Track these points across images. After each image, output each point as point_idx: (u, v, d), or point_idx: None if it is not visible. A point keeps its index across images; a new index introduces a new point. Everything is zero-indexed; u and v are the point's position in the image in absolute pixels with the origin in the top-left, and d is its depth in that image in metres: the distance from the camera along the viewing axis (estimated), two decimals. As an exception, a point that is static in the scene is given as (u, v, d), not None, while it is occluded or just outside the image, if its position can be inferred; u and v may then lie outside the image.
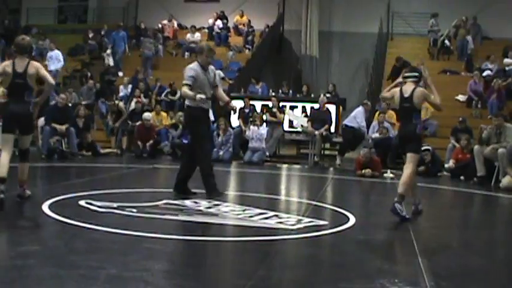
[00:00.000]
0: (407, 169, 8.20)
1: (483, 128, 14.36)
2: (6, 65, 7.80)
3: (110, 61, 23.00)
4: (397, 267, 5.53)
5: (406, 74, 8.63)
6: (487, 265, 5.99)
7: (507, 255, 6.84)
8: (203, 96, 8.64)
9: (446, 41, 22.80)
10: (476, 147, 13.86)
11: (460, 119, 16.12)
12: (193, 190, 9.15)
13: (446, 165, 15.01)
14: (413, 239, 6.73)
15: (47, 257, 5.20)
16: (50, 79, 8.10)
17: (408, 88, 8.39)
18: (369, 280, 5.05)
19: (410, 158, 8.30)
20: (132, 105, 18.63)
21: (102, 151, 16.24)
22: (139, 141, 16.36)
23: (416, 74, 8.61)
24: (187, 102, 9.18)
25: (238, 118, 17.45)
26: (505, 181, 12.84)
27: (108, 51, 23.26)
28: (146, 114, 16.74)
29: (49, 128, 14.71)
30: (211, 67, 9.29)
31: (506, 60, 20.30)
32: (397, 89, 8.59)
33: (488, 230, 8.60)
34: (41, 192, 9.07)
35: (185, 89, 8.86)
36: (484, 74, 19.71)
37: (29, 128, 8.08)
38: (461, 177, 14.12)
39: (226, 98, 9.73)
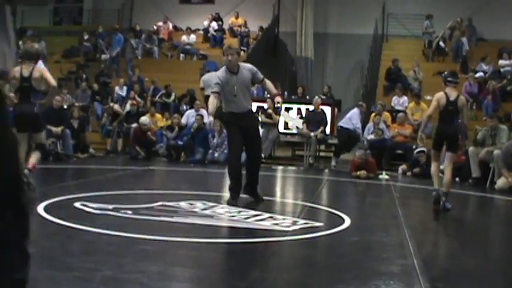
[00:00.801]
0: (449, 168, 9.73)
1: (478, 130, 14.40)
2: (15, 71, 8.63)
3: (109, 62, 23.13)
4: (392, 268, 5.53)
5: (450, 79, 9.33)
6: (482, 266, 6.00)
7: (502, 257, 6.85)
8: (211, 119, 9.01)
9: (441, 43, 22.83)
10: (471, 148, 13.89)
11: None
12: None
13: (441, 167, 15.00)
14: (408, 240, 6.73)
15: (42, 259, 5.18)
16: (53, 81, 8.90)
17: (453, 93, 9.25)
18: (364, 282, 5.06)
19: (451, 158, 9.82)
20: (128, 107, 18.59)
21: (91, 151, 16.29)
22: (136, 145, 16.34)
23: (458, 80, 9.55)
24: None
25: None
26: (499, 182, 12.87)
27: (104, 56, 23.24)
28: (143, 119, 16.71)
29: (44, 130, 14.68)
30: (247, 66, 9.20)
31: (502, 62, 20.36)
32: (442, 93, 9.33)
33: (484, 232, 8.62)
34: (36, 194, 9.05)
35: (211, 98, 8.72)
36: (477, 75, 19.75)
37: (37, 127, 9.10)
38: (457, 179, 14.12)
39: (274, 91, 9.55)
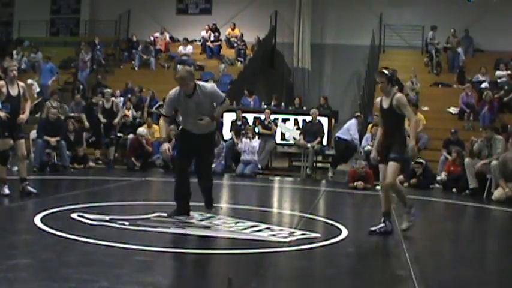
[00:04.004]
0: None
1: (474, 141, 14.43)
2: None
3: (37, 89, 21.60)
4: (389, 279, 5.53)
5: None
6: (479, 277, 6.00)
7: (499, 267, 6.85)
8: (165, 146, 8.85)
9: (433, 53, 22.89)
10: (467, 160, 13.89)
11: (452, 131, 16.18)
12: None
13: (438, 178, 15.03)
14: (405, 251, 6.74)
15: (38, 270, 5.18)
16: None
17: None
18: (362, 292, 5.06)
19: None
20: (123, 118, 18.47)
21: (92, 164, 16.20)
22: (133, 156, 16.30)
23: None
24: None
25: (231, 131, 17.48)
26: (497, 193, 12.87)
27: (30, 81, 21.64)
28: (141, 130, 16.71)
29: (41, 141, 14.68)
30: (207, 90, 8.21)
31: (498, 73, 20.42)
32: None
33: (480, 242, 8.62)
34: (33, 205, 9.04)
35: (161, 122, 8.70)
36: (483, 85, 19.79)
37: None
38: (454, 190, 14.15)
39: (215, 114, 8.38)
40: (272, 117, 17.88)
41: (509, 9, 23.49)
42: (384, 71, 8.02)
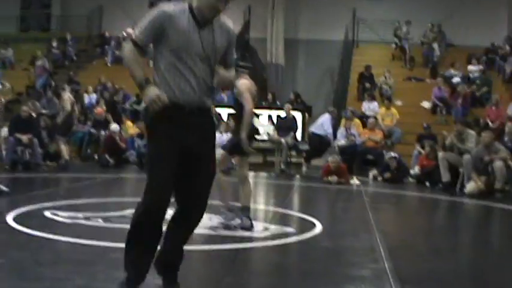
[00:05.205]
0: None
1: (445, 136, 14.55)
2: None
3: None
4: (363, 273, 5.54)
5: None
6: (452, 270, 6.04)
7: (472, 260, 6.91)
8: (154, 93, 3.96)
9: (406, 47, 23.06)
10: (440, 153, 13.98)
11: (425, 125, 16.30)
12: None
13: (412, 172, 15.13)
14: (379, 245, 6.76)
15: (11, 270, 5.12)
16: None
17: None
18: (336, 286, 5.07)
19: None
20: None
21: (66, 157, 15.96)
22: (107, 153, 16.24)
23: None
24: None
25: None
26: (469, 187, 12.96)
27: None
28: (114, 126, 16.65)
29: (13, 138, 14.54)
30: (230, 25, 4.87)
31: (471, 67, 20.59)
32: None
33: (454, 235, 8.68)
34: (5, 204, 8.95)
35: (125, 50, 4.12)
36: (454, 80, 19.93)
37: None
38: (427, 184, 14.24)
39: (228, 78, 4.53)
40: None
41: (482, 5, 23.71)
42: None
